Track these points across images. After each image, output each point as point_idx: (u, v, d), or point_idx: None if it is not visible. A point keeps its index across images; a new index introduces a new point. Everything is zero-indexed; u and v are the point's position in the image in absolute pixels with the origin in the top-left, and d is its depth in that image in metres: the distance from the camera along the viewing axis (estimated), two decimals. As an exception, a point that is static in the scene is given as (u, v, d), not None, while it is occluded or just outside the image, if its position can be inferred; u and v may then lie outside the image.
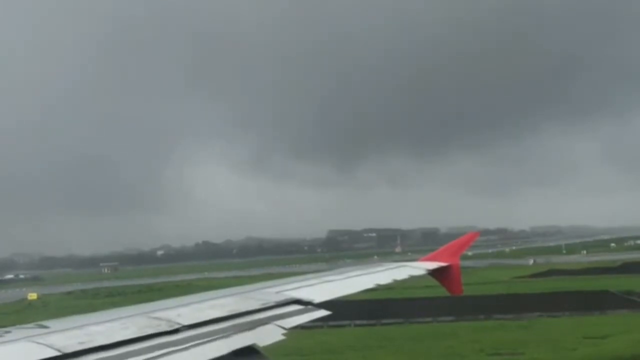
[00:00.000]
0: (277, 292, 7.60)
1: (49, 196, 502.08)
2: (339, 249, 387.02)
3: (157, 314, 6.08)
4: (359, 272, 10.76)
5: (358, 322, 58.14)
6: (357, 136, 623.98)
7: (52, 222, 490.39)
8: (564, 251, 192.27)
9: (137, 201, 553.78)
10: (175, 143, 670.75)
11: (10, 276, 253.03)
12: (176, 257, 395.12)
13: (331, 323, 52.60)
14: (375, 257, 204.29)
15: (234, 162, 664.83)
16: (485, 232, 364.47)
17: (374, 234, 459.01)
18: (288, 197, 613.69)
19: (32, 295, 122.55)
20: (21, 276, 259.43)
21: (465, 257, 17.36)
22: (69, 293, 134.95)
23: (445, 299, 48.11)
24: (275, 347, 5.93)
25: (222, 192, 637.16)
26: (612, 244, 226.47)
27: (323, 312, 7.15)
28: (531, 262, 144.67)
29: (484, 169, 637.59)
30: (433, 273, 12.28)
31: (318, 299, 7.53)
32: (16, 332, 5.49)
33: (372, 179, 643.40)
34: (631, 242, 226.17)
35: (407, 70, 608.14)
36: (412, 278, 11.63)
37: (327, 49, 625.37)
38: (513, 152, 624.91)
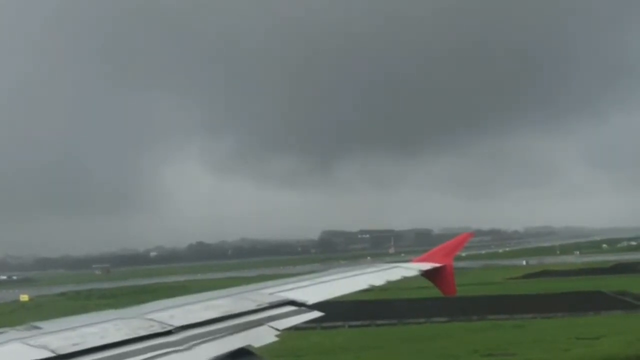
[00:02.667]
0: (270, 294, 7.59)
1: (42, 197, 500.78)
2: (332, 250, 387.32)
3: (151, 315, 6.06)
4: (352, 273, 10.76)
5: (352, 323, 58.13)
6: (350, 138, 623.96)
7: (45, 224, 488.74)
8: (558, 252, 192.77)
9: (130, 202, 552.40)
10: (166, 143, 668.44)
11: (3, 277, 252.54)
12: (169, 258, 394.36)
13: (325, 324, 52.63)
14: (369, 258, 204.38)
15: (226, 162, 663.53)
16: (479, 233, 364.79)
17: (367, 235, 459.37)
18: (281, 199, 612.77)
19: (24, 297, 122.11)
20: (14, 277, 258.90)
21: (458, 258, 17.42)
22: (62, 294, 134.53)
23: (439, 300, 48.43)
24: (268, 348, 5.93)
25: (215, 193, 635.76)
26: (604, 245, 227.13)
27: (316, 314, 7.14)
28: (524, 263, 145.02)
29: (478, 171, 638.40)
30: (426, 274, 12.29)
31: (312, 300, 7.52)
32: (9, 333, 5.47)
33: (365, 181, 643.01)
34: (624, 243, 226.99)
35: (397, 69, 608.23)
36: (406, 279, 11.65)
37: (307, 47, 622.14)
38: (507, 154, 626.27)
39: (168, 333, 5.66)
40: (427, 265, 12.37)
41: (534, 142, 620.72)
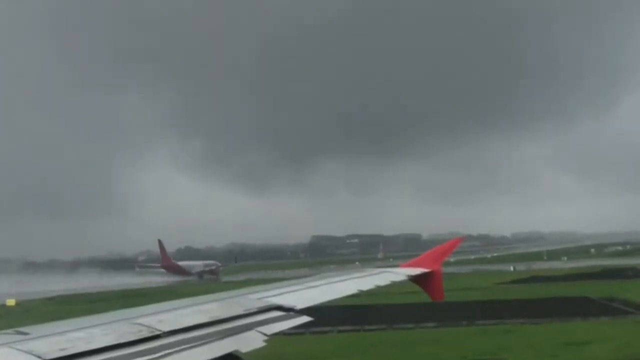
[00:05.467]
0: (259, 298, 7.60)
1: (30, 201, 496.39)
2: (322, 255, 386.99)
3: (139, 320, 6.06)
4: (341, 278, 10.80)
5: (341, 328, 58.05)
6: (337, 142, 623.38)
7: (33, 228, 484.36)
8: (545, 257, 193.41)
9: (115, 206, 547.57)
10: (146, 146, 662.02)
11: None
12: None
13: (313, 329, 52.49)
14: (358, 263, 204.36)
15: (210, 166, 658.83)
16: (468, 238, 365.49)
17: (356, 240, 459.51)
18: (268, 203, 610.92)
19: (11, 301, 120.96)
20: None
21: (447, 263, 17.44)
22: (50, 299, 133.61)
23: (427, 305, 48.36)
24: (256, 353, 5.93)
25: (201, 197, 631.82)
26: (592, 250, 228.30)
27: (305, 319, 7.16)
28: (511, 268, 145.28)
29: (469, 176, 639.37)
30: (415, 279, 12.37)
31: (300, 305, 7.55)
32: (-5, 338, 5.44)
33: (353, 185, 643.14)
34: (612, 249, 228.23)
35: (387, 69, 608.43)
36: (394, 284, 11.70)
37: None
38: (496, 159, 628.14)
39: (156, 338, 5.66)
40: (416, 270, 12.44)
41: (522, 143, 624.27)
